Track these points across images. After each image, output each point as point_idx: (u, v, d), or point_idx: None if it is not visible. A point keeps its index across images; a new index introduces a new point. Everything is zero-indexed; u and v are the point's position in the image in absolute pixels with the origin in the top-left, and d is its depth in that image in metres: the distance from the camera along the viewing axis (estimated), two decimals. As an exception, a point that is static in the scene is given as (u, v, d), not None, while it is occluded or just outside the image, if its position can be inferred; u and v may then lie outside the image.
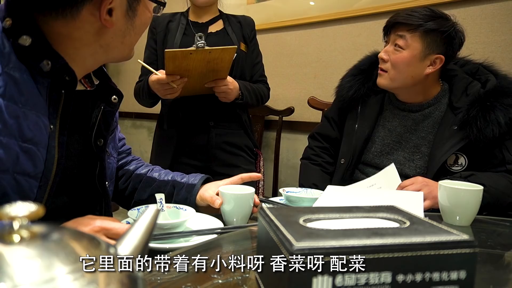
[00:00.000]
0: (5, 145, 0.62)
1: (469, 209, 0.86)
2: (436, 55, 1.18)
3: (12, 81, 0.63)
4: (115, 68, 3.32)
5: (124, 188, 1.01)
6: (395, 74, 1.21)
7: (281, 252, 0.39)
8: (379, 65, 1.26)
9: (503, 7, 1.62)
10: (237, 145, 1.64)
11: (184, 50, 1.28)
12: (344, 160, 1.33)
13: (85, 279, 0.25)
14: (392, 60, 1.21)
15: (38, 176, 0.67)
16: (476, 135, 1.10)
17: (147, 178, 1.01)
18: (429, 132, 1.23)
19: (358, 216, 0.49)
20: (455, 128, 1.16)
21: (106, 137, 0.84)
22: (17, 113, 0.63)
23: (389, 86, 1.25)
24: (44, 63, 0.66)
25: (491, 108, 1.11)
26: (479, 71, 1.23)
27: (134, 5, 0.72)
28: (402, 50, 1.19)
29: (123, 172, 1.03)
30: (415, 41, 1.17)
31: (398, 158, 1.26)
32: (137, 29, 0.75)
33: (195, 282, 0.54)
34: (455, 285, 0.40)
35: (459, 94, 1.21)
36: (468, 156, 1.16)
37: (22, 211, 0.26)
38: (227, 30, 1.62)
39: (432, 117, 1.24)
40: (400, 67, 1.20)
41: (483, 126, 1.10)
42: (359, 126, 1.33)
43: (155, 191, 0.97)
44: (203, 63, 1.32)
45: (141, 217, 0.38)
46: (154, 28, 1.62)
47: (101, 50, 0.73)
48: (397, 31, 1.21)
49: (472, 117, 1.12)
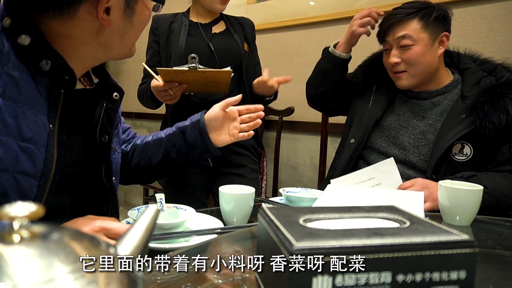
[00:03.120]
0: (5, 144, 0.62)
1: (469, 209, 0.86)
2: (442, 34, 1.22)
3: (11, 81, 0.63)
4: (115, 68, 3.32)
5: (138, 162, 1.03)
6: (415, 70, 1.22)
7: (281, 252, 0.39)
8: (393, 70, 1.26)
9: (503, 7, 1.62)
10: (243, 145, 1.64)
11: (177, 69, 1.31)
12: (354, 140, 1.35)
13: (85, 279, 0.25)
14: (406, 59, 1.22)
15: (37, 175, 0.67)
16: (482, 121, 1.09)
17: (156, 140, 1.04)
18: (437, 120, 1.23)
19: (358, 216, 0.49)
20: (463, 117, 1.15)
21: (111, 133, 0.84)
22: (17, 112, 0.63)
23: (412, 84, 1.26)
24: (44, 62, 0.66)
25: (500, 96, 1.10)
26: (496, 69, 1.23)
27: (132, 4, 0.72)
28: (411, 47, 1.20)
29: (132, 148, 1.05)
30: (419, 33, 1.20)
31: (403, 143, 1.26)
32: (136, 27, 0.75)
33: (195, 282, 0.54)
34: (455, 285, 0.40)
35: (471, 85, 1.21)
36: (474, 147, 1.14)
37: (22, 211, 0.26)
38: (230, 31, 1.63)
39: (441, 106, 1.24)
40: (418, 61, 1.21)
41: (490, 111, 1.09)
42: (372, 108, 1.35)
43: (167, 146, 1.02)
44: (200, 78, 1.35)
45: (141, 217, 0.38)
46: (156, 30, 1.61)
47: (100, 48, 0.73)
48: (396, 34, 1.22)
49: (480, 103, 1.11)
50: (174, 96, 1.38)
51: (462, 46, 1.36)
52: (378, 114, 1.33)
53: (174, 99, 1.41)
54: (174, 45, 1.56)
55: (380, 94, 1.37)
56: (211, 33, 1.61)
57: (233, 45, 1.59)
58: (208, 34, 1.59)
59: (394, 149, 1.28)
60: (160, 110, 1.73)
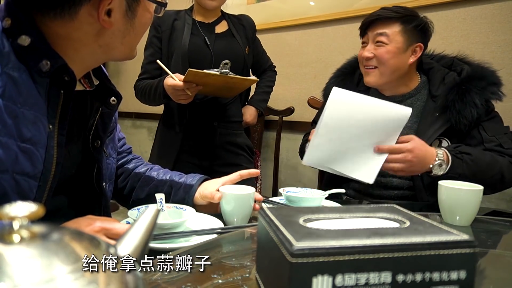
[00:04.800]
0: (4, 145, 0.62)
1: (469, 209, 0.86)
2: (416, 44, 1.27)
3: (11, 81, 0.63)
4: (115, 68, 3.32)
5: (122, 186, 1.01)
6: (383, 68, 1.27)
7: (281, 252, 0.39)
8: (364, 64, 1.31)
9: (503, 7, 1.62)
10: (238, 144, 1.65)
11: (207, 72, 1.31)
12: None
13: (85, 279, 0.25)
14: (378, 55, 1.26)
15: (37, 176, 0.67)
16: (456, 118, 1.18)
17: (145, 177, 1.01)
18: (414, 122, 1.28)
19: (358, 216, 0.49)
20: (436, 115, 1.23)
21: (103, 139, 0.83)
22: (16, 113, 0.63)
23: (378, 82, 1.30)
24: (43, 63, 0.66)
25: (466, 91, 1.19)
26: (454, 63, 1.31)
27: (134, 6, 0.71)
28: (385, 45, 1.25)
29: (122, 170, 1.03)
30: (396, 35, 1.25)
31: None
32: (137, 29, 0.74)
33: (195, 282, 0.54)
34: (455, 285, 0.40)
35: (438, 84, 1.29)
36: (451, 140, 1.22)
37: (22, 211, 0.26)
38: (232, 32, 1.63)
39: (414, 107, 1.28)
40: (387, 60, 1.26)
41: (461, 108, 1.18)
42: None
43: (153, 190, 0.96)
44: (221, 82, 1.37)
45: (141, 217, 0.38)
46: (158, 26, 1.60)
47: (100, 50, 0.73)
48: (376, 30, 1.27)
49: (450, 101, 1.20)
50: (191, 96, 1.38)
51: (462, 46, 1.37)
52: None
53: (189, 99, 1.41)
54: (177, 44, 1.55)
55: None
56: (214, 33, 1.61)
57: (236, 48, 1.60)
58: (211, 34, 1.60)
59: None
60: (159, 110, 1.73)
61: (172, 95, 1.42)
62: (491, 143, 1.18)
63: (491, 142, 1.18)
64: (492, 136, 1.19)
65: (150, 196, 0.94)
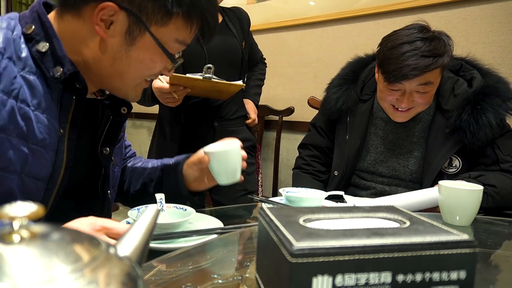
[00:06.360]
0: (15, 146, 0.64)
1: (469, 209, 0.86)
2: None
3: (26, 84, 0.65)
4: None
5: (121, 183, 1.02)
6: (421, 108, 1.18)
7: (281, 252, 0.39)
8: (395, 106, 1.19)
9: (503, 7, 1.62)
10: (239, 138, 1.63)
11: (190, 77, 1.29)
12: (338, 172, 1.31)
13: (85, 279, 0.25)
14: (422, 102, 1.16)
15: (45, 178, 0.69)
16: (470, 140, 1.12)
17: (140, 169, 1.02)
18: (421, 137, 1.24)
19: (358, 216, 0.49)
20: (447, 132, 1.16)
21: (112, 147, 0.85)
22: (29, 115, 0.65)
23: (408, 118, 1.22)
24: (56, 69, 0.68)
25: (482, 112, 1.11)
26: (462, 68, 1.23)
27: (135, 33, 0.69)
28: (429, 91, 1.15)
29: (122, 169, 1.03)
30: (438, 77, 1.15)
31: (393, 164, 1.26)
32: (131, 60, 0.71)
33: (195, 282, 0.54)
34: (455, 285, 0.40)
35: (447, 95, 1.20)
36: (462, 158, 1.17)
37: (22, 211, 0.26)
38: (228, 25, 1.60)
39: (422, 121, 1.24)
40: (429, 102, 1.18)
41: (476, 130, 1.11)
42: (350, 136, 1.31)
43: (146, 178, 0.97)
44: (208, 86, 1.35)
45: (141, 217, 0.38)
46: None
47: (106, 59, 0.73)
48: (417, 82, 1.12)
49: (464, 122, 1.12)
50: (178, 99, 1.36)
51: (462, 46, 1.36)
52: (358, 141, 1.29)
53: (177, 102, 1.39)
54: None
55: (357, 118, 1.31)
56: None
57: (233, 42, 1.57)
58: None
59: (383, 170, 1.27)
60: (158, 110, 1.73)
61: (159, 97, 1.40)
62: (507, 163, 1.13)
63: (507, 163, 1.13)
64: (508, 155, 1.13)
65: (145, 185, 0.96)
